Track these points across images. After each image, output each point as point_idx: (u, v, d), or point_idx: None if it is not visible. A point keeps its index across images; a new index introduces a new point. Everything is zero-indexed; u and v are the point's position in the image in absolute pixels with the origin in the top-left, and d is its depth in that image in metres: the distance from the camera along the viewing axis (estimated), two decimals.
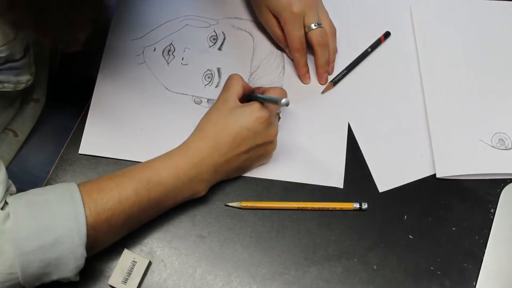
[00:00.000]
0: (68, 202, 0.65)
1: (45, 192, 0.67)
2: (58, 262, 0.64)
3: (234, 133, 0.73)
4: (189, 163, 0.72)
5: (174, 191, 0.73)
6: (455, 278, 0.75)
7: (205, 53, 0.89)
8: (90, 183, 0.70)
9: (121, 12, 0.91)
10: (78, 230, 0.64)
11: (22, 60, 0.70)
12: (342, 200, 0.79)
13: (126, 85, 0.86)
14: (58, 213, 0.64)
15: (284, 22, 0.83)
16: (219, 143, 0.73)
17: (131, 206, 0.69)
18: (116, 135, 0.83)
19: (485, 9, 0.93)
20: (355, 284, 0.74)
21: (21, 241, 0.62)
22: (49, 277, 0.65)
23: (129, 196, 0.69)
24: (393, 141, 0.83)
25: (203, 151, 0.73)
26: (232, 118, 0.74)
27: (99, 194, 0.68)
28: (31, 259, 0.62)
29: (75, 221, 0.64)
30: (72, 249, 0.64)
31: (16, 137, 0.84)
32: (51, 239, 0.63)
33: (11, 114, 0.83)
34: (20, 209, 0.64)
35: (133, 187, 0.70)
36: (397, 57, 0.90)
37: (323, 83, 0.87)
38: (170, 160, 0.73)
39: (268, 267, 0.75)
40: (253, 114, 0.73)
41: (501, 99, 0.86)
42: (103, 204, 0.67)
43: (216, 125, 0.74)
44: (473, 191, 0.80)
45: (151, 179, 0.71)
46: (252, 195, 0.79)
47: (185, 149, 0.74)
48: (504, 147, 0.82)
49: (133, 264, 0.73)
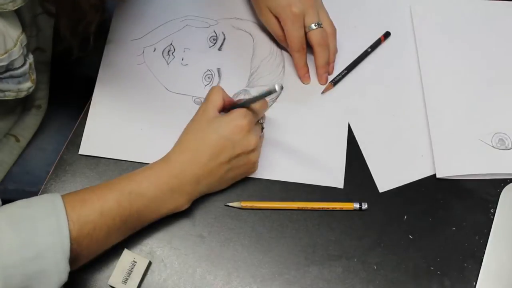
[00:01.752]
0: (52, 215, 0.64)
1: (28, 205, 0.66)
2: (41, 275, 0.62)
3: (212, 143, 0.73)
4: (170, 174, 0.72)
5: (155, 203, 0.72)
6: (455, 278, 0.75)
7: (205, 54, 0.89)
8: (74, 195, 0.69)
9: (121, 13, 0.91)
10: (61, 244, 0.63)
11: (22, 68, 0.70)
12: (342, 200, 0.79)
13: (126, 86, 0.86)
14: (41, 227, 0.63)
15: (284, 22, 0.83)
16: (199, 154, 0.73)
17: (114, 219, 0.69)
18: (116, 136, 0.83)
19: (485, 9, 0.93)
20: (355, 284, 0.74)
21: (3, 255, 0.61)
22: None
23: (111, 208, 0.68)
24: (393, 141, 0.83)
25: (183, 163, 0.73)
26: (210, 128, 0.73)
27: (82, 206, 0.67)
28: (12, 273, 0.61)
29: (58, 235, 0.63)
30: (55, 263, 0.63)
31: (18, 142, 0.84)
32: (33, 253, 0.62)
33: (12, 120, 0.83)
34: (2, 222, 0.62)
35: (115, 199, 0.69)
36: (397, 57, 0.90)
37: (323, 83, 0.87)
38: (152, 172, 0.72)
39: (268, 267, 0.75)
40: (231, 123, 0.73)
41: (501, 99, 0.86)
42: (86, 217, 0.66)
43: (195, 136, 0.74)
44: (473, 191, 0.80)
45: (133, 190, 0.70)
46: (252, 195, 0.79)
47: (166, 161, 0.74)
48: (504, 147, 0.82)
49: (133, 264, 0.73)
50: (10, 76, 0.69)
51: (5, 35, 0.64)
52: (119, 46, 0.89)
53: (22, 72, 0.70)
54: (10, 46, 0.65)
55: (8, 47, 0.65)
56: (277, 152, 0.81)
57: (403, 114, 0.85)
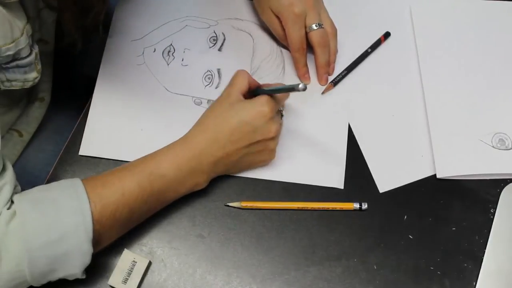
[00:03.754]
0: (73, 197, 0.65)
1: (49, 188, 0.67)
2: (65, 258, 0.64)
3: (233, 126, 0.73)
4: (189, 155, 0.73)
5: (175, 183, 0.73)
6: (455, 278, 0.75)
7: (205, 54, 0.89)
8: (94, 178, 0.70)
9: (121, 13, 0.91)
10: (84, 225, 0.64)
11: (28, 57, 0.70)
12: (342, 200, 0.79)
13: (126, 86, 0.86)
14: (64, 209, 0.64)
15: (285, 22, 0.83)
16: (218, 136, 0.73)
17: (135, 199, 0.70)
18: (116, 136, 0.83)
19: (485, 9, 0.93)
20: (355, 284, 0.74)
21: (28, 238, 0.62)
22: (56, 274, 0.65)
23: (132, 189, 0.69)
24: (393, 141, 0.83)
25: (202, 143, 0.73)
26: (232, 111, 0.74)
27: (103, 188, 0.68)
28: (38, 256, 0.62)
29: (81, 216, 0.64)
30: (79, 245, 0.64)
31: (21, 137, 0.84)
32: (58, 235, 0.63)
33: (16, 113, 0.83)
34: (25, 206, 0.64)
35: (135, 180, 0.70)
36: (397, 57, 0.90)
37: (323, 83, 0.87)
38: (171, 152, 0.73)
39: (268, 267, 0.75)
40: (253, 109, 0.74)
41: (501, 99, 0.86)
42: (107, 198, 0.68)
43: (216, 118, 0.75)
44: (473, 191, 0.80)
45: (153, 171, 0.71)
46: (252, 195, 0.79)
47: (185, 141, 0.74)
48: (505, 147, 0.82)
49: (133, 264, 0.73)
50: (17, 66, 0.70)
51: (12, 24, 0.65)
52: (119, 47, 0.89)
53: (28, 61, 0.70)
54: (17, 35, 0.66)
55: (15, 36, 0.66)
56: (277, 152, 0.81)
57: (403, 114, 0.85)
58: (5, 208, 0.63)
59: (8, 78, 0.70)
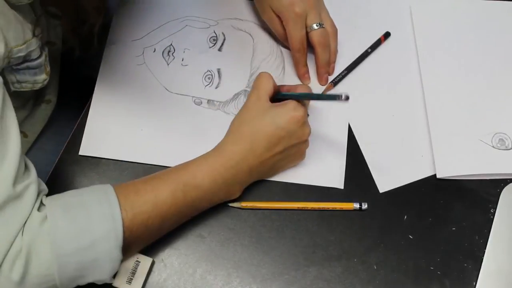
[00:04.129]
0: (105, 204, 0.65)
1: (81, 193, 0.67)
2: (95, 264, 0.63)
3: (269, 134, 0.73)
4: (225, 166, 0.72)
5: (210, 194, 0.73)
6: (455, 278, 0.75)
7: (205, 54, 0.89)
8: (126, 185, 0.70)
9: (121, 13, 0.91)
10: (115, 232, 0.64)
11: (38, 59, 0.70)
12: (342, 200, 0.79)
13: (126, 86, 0.86)
14: (95, 215, 0.64)
15: (286, 22, 0.83)
16: (255, 145, 0.73)
17: (167, 209, 0.69)
18: (116, 136, 0.83)
19: (485, 9, 0.93)
20: (355, 284, 0.74)
21: (59, 243, 0.61)
22: (85, 279, 0.64)
23: (165, 199, 0.69)
24: (393, 141, 0.83)
25: (238, 154, 0.73)
26: (267, 118, 0.73)
27: (136, 196, 0.68)
28: (68, 261, 0.62)
29: (112, 223, 0.64)
30: (109, 251, 0.64)
31: (26, 138, 0.84)
32: (89, 241, 0.63)
33: (22, 115, 0.83)
34: (57, 210, 0.63)
35: (169, 190, 0.69)
36: (397, 57, 0.90)
37: (324, 83, 0.87)
38: (206, 163, 0.73)
39: (268, 267, 0.75)
40: (288, 114, 0.73)
41: (501, 99, 0.86)
42: (140, 207, 0.67)
43: (250, 127, 0.74)
44: (473, 191, 0.80)
45: (187, 182, 0.71)
46: (252, 195, 0.79)
47: (221, 151, 0.74)
48: (505, 147, 0.82)
49: (137, 264, 0.72)
50: (27, 68, 0.70)
51: (23, 25, 0.65)
52: (119, 47, 0.89)
53: (38, 63, 0.71)
54: (28, 37, 0.66)
55: (27, 38, 0.66)
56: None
57: (403, 114, 0.85)
58: (35, 209, 0.63)
59: (19, 79, 0.70)
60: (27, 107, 0.83)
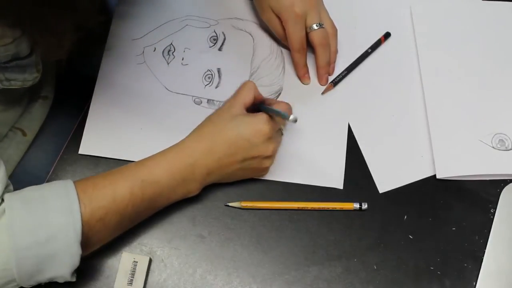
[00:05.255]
0: (64, 198, 0.65)
1: (41, 188, 0.67)
2: (53, 258, 0.63)
3: (231, 140, 0.73)
4: (183, 163, 0.72)
5: (167, 190, 0.72)
6: (455, 278, 0.75)
7: (205, 54, 0.89)
8: (86, 180, 0.70)
9: (122, 12, 0.91)
10: (73, 226, 0.64)
11: (28, 57, 0.70)
12: (342, 200, 0.79)
13: (126, 85, 0.86)
14: (54, 209, 0.64)
15: (286, 22, 0.83)
16: (214, 148, 0.73)
17: (126, 205, 0.69)
18: (116, 135, 0.83)
19: (485, 9, 0.93)
20: (355, 284, 0.74)
21: (16, 236, 0.61)
22: (44, 274, 0.64)
23: (123, 195, 0.69)
24: (393, 141, 0.83)
25: (197, 153, 0.73)
26: (232, 124, 0.73)
27: (94, 191, 0.67)
28: (26, 255, 0.62)
29: (71, 217, 0.64)
30: (67, 246, 0.63)
31: (25, 136, 0.84)
32: (47, 235, 0.62)
33: (18, 112, 0.83)
34: (15, 204, 0.63)
35: (127, 185, 0.69)
36: (397, 57, 0.90)
37: (324, 84, 0.87)
38: (165, 159, 0.73)
39: (268, 267, 0.75)
40: (254, 125, 0.73)
41: (501, 100, 0.86)
42: (98, 202, 0.67)
43: (214, 128, 0.74)
44: (473, 191, 0.80)
45: (145, 178, 0.70)
46: (252, 195, 0.79)
47: (181, 148, 0.74)
48: (504, 148, 0.82)
49: (135, 264, 0.72)
50: (16, 65, 0.69)
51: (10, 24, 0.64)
52: (119, 46, 0.88)
53: (28, 62, 0.70)
54: (17, 35, 0.65)
55: (16, 35, 0.65)
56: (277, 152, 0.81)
57: (403, 114, 0.85)
58: None
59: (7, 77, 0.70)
60: (22, 103, 0.82)
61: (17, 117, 0.82)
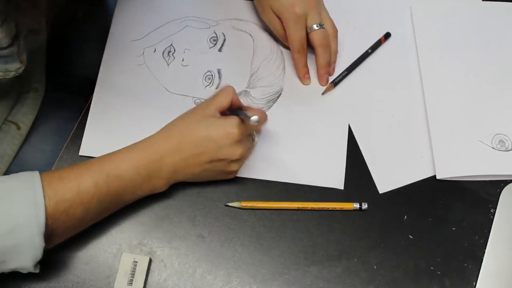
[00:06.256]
0: (29, 190, 0.64)
1: (7, 179, 0.66)
2: (15, 250, 0.63)
3: (198, 140, 0.73)
4: (149, 159, 0.72)
5: (132, 185, 0.72)
6: (455, 278, 0.75)
7: (205, 54, 0.89)
8: (52, 172, 0.69)
9: (121, 13, 0.91)
10: (36, 218, 0.63)
11: (10, 48, 0.69)
12: (342, 200, 0.79)
13: (126, 86, 0.86)
14: (18, 200, 0.63)
15: (286, 22, 0.83)
16: (181, 146, 0.73)
17: (90, 198, 0.68)
18: (116, 136, 0.83)
19: (485, 10, 0.93)
20: (355, 284, 0.74)
21: None
22: (6, 265, 0.64)
23: (88, 188, 0.68)
24: (393, 142, 0.83)
25: (164, 149, 0.73)
26: (202, 125, 0.73)
27: (59, 183, 0.67)
28: None
29: (34, 209, 0.63)
30: (30, 238, 0.63)
31: (19, 130, 0.84)
32: (10, 226, 0.62)
33: (9, 104, 0.82)
34: None
35: (92, 179, 0.69)
36: (398, 58, 0.90)
37: (324, 84, 0.87)
38: (130, 154, 0.72)
39: (268, 267, 0.75)
40: (223, 128, 0.73)
41: (501, 100, 0.86)
42: (62, 194, 0.66)
43: (184, 128, 0.74)
44: (473, 191, 0.80)
45: (110, 172, 0.70)
46: (252, 195, 0.79)
47: (147, 144, 0.73)
48: (505, 149, 0.82)
49: (135, 264, 0.73)
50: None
51: None
52: (119, 47, 0.89)
53: (9, 52, 0.69)
54: None
55: None
56: (277, 153, 0.81)
57: (403, 115, 0.85)
58: None
59: None
60: (10, 95, 0.82)
61: (8, 110, 0.82)
